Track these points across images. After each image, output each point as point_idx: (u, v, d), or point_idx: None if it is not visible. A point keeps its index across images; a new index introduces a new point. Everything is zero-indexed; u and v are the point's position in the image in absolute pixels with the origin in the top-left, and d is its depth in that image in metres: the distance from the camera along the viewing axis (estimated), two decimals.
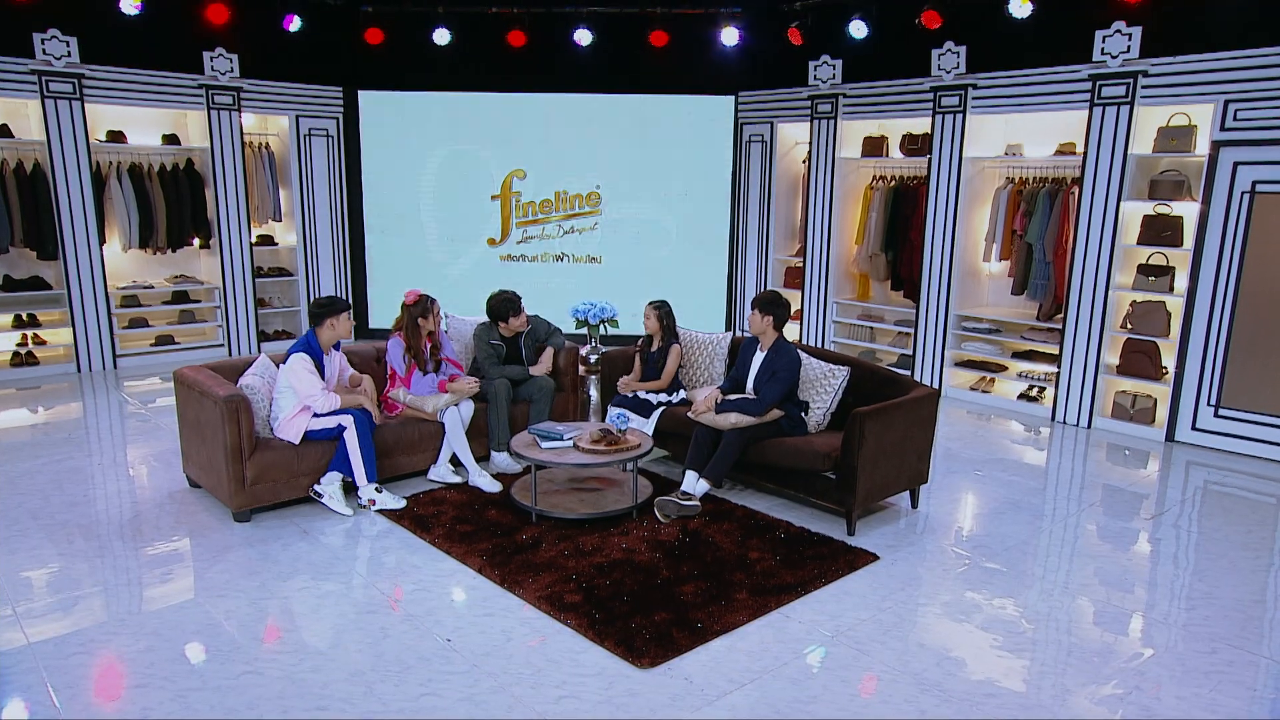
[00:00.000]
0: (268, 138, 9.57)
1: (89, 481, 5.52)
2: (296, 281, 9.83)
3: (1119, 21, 6.50)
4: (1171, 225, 6.60)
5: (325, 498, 4.98)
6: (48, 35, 7.79)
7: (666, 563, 4.37)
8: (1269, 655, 3.67)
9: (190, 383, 5.03)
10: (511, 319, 5.82)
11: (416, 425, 5.46)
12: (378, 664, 3.49)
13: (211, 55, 8.71)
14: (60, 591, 4.04)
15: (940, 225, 7.85)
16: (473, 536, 4.65)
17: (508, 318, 5.81)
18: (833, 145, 8.59)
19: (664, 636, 3.67)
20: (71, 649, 3.56)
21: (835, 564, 4.41)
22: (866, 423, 4.65)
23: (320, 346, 5.05)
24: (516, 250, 9.98)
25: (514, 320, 5.83)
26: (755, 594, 4.07)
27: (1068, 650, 3.70)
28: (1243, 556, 4.66)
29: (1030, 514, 5.24)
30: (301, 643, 3.65)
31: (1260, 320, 6.24)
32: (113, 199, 8.53)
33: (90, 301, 8.41)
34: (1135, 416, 6.90)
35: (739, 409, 5.09)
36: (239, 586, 4.12)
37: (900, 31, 7.75)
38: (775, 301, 5.20)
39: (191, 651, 3.56)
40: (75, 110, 8.05)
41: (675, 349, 5.87)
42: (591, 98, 9.64)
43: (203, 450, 5.01)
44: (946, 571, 4.43)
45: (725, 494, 5.35)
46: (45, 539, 4.62)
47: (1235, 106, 6.13)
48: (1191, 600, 4.20)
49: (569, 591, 4.05)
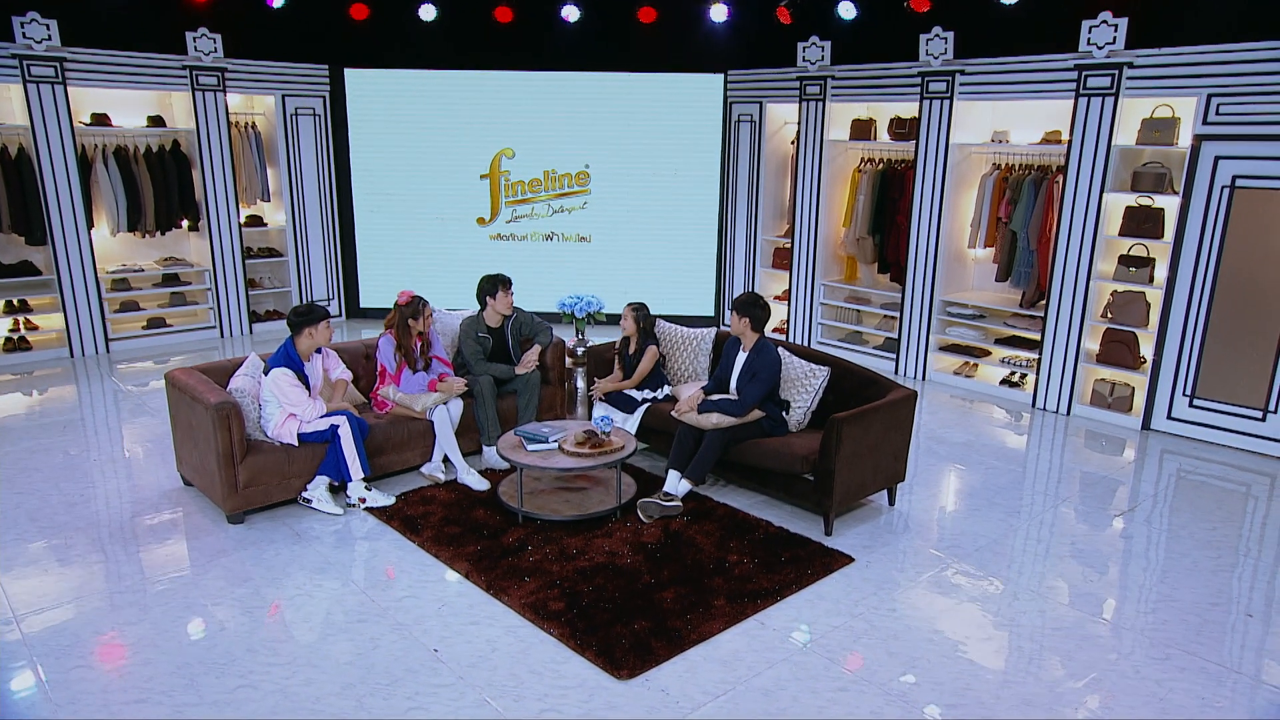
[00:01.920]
0: (254, 117, 9.52)
1: (85, 479, 5.63)
2: (286, 262, 9.86)
3: (1105, 12, 6.47)
4: (1153, 217, 6.66)
5: (314, 502, 5.11)
6: (27, 19, 7.71)
7: (648, 566, 4.52)
8: (1218, 661, 3.84)
9: (182, 386, 5.12)
10: (500, 295, 5.87)
11: (406, 423, 5.57)
12: (368, 676, 3.64)
13: (195, 35, 8.62)
14: (61, 604, 4.17)
15: (926, 210, 7.89)
16: (460, 539, 4.79)
17: (496, 292, 5.86)
18: (821, 127, 8.58)
19: (643, 646, 3.82)
20: (73, 663, 3.70)
21: (811, 567, 4.56)
22: (844, 428, 4.76)
23: (299, 356, 5.12)
24: (506, 229, 10.00)
25: (502, 296, 5.87)
26: (732, 600, 4.22)
27: (1029, 658, 3.86)
28: (1205, 556, 4.82)
29: (1004, 511, 5.39)
30: (294, 655, 3.79)
31: (1236, 314, 6.34)
32: (99, 182, 8.51)
33: (80, 286, 8.44)
34: (1113, 404, 7.03)
35: (721, 409, 5.20)
36: (233, 595, 4.26)
37: (889, 14, 7.71)
38: (753, 303, 5.28)
39: (188, 665, 3.70)
40: (58, 94, 8.00)
41: (651, 350, 5.96)
42: (580, 76, 9.59)
43: (195, 453, 5.11)
44: (918, 574, 4.58)
45: (708, 490, 5.48)
46: (45, 546, 4.74)
47: (1218, 101, 6.15)
48: (1152, 603, 4.36)
49: (552, 598, 4.20)
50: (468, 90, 9.69)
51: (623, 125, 9.68)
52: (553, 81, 9.63)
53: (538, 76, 9.62)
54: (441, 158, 9.84)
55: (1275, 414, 6.27)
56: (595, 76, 9.59)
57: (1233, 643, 4.01)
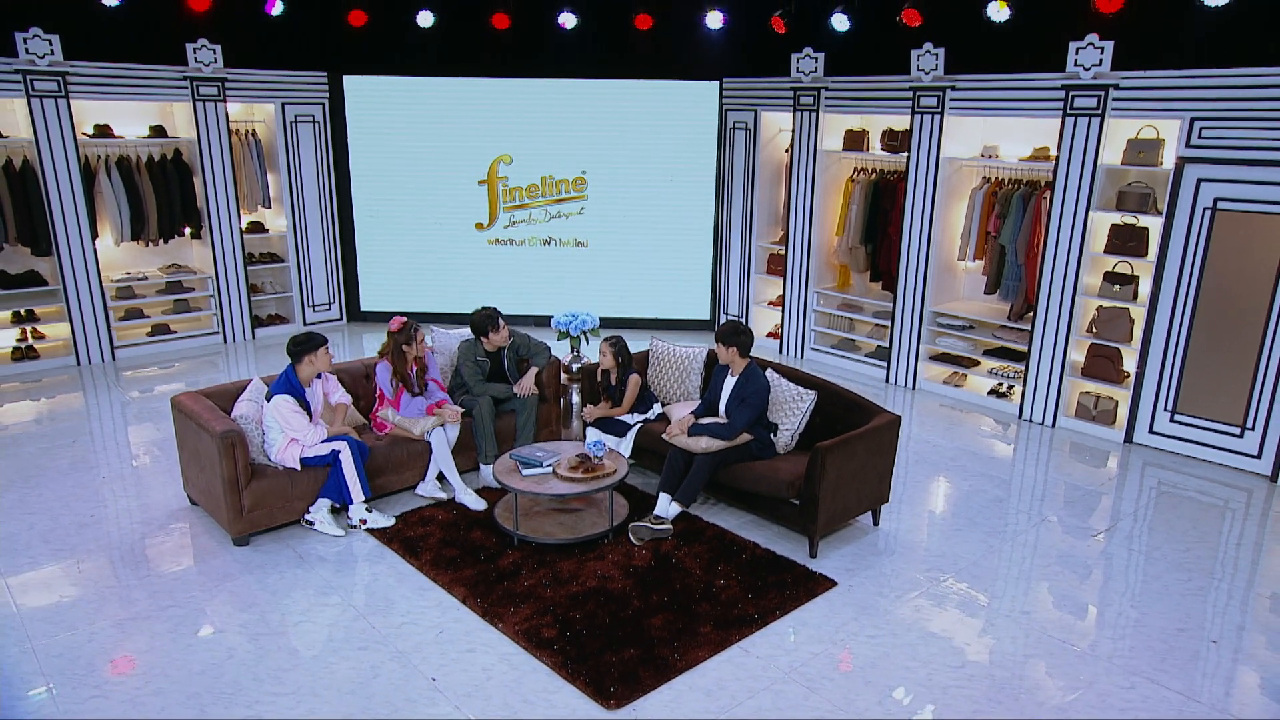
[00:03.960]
0: (254, 124, 9.62)
1: (95, 498, 5.81)
2: (288, 267, 9.99)
3: (1092, 35, 6.56)
4: (1137, 236, 6.78)
5: (316, 524, 5.29)
6: (30, 34, 7.80)
7: (638, 591, 4.70)
8: (1180, 689, 4.03)
9: (188, 413, 5.28)
10: (492, 334, 6.05)
11: (405, 445, 5.74)
12: (369, 706, 3.83)
13: (195, 47, 8.71)
14: (74, 628, 4.36)
15: (918, 221, 8.01)
16: (458, 562, 4.97)
17: (488, 332, 6.04)
18: (815, 137, 8.68)
19: (631, 675, 4.01)
20: (89, 691, 3.89)
21: (795, 592, 4.74)
22: (828, 456, 4.93)
23: (300, 383, 5.28)
24: (504, 234, 10.12)
25: (495, 335, 6.06)
26: (719, 626, 4.40)
27: (1000, 686, 4.05)
28: (1176, 580, 5.00)
29: (986, 531, 5.57)
30: (299, 684, 3.98)
31: (1216, 333, 6.48)
32: (103, 193, 8.64)
33: (85, 295, 8.59)
34: (1097, 417, 7.19)
35: (710, 433, 5.36)
36: (239, 621, 4.45)
37: (881, 27, 7.79)
38: (736, 331, 5.43)
39: (198, 695, 3.89)
40: (61, 107, 8.11)
41: (634, 379, 6.11)
42: (577, 82, 9.68)
43: (201, 476, 5.29)
44: (898, 598, 4.76)
45: (699, 510, 5.66)
46: (58, 569, 4.92)
47: (1201, 124, 6.26)
48: (1120, 629, 4.54)
49: (545, 625, 4.38)
50: (465, 96, 9.78)
51: (619, 131, 9.77)
52: (550, 88, 9.72)
53: (535, 83, 9.71)
54: (440, 163, 9.95)
55: (1252, 430, 6.42)
56: (592, 83, 9.67)
57: (1196, 670, 4.19)
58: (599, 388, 6.35)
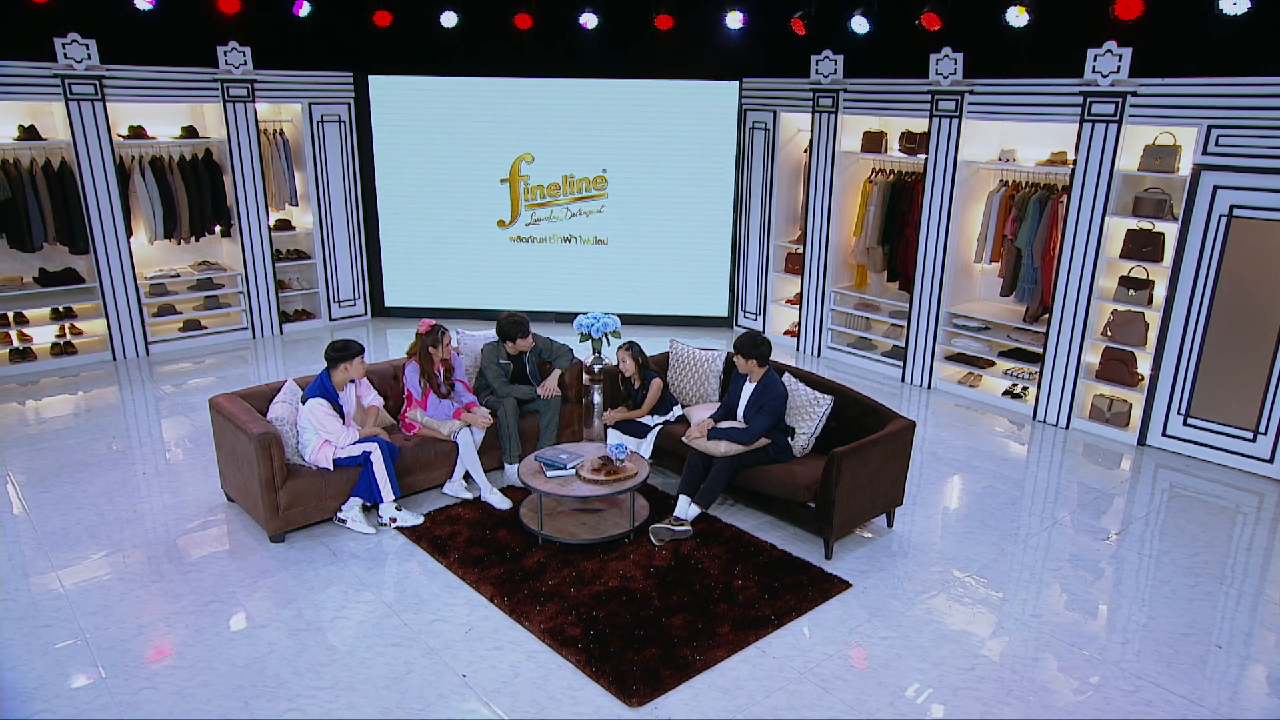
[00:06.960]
0: (282, 124, 9.81)
1: (136, 494, 6.05)
2: (314, 264, 10.20)
3: (1110, 41, 6.61)
4: (1153, 241, 6.85)
5: (349, 522, 5.50)
6: (68, 40, 8.01)
7: (659, 591, 4.87)
8: (1184, 694, 4.16)
9: (226, 414, 5.49)
10: (519, 340, 6.24)
11: (433, 445, 5.93)
12: (403, 701, 4.03)
13: (225, 49, 8.90)
14: (124, 621, 4.59)
15: (935, 223, 8.10)
16: (485, 561, 5.17)
17: (515, 339, 6.23)
18: (833, 138, 8.77)
19: (652, 674, 4.19)
20: (140, 684, 4.11)
21: (811, 593, 4.90)
22: (844, 461, 5.07)
23: (334, 387, 5.48)
24: (526, 232, 10.28)
25: (521, 341, 6.25)
26: (736, 627, 4.57)
27: (1008, 690, 4.19)
28: (1184, 584, 5.12)
29: (999, 533, 5.70)
30: (337, 679, 4.18)
31: (1230, 338, 6.55)
32: (137, 192, 8.86)
33: (121, 292, 8.84)
34: (1111, 420, 7.28)
35: (730, 437, 5.52)
36: (278, 617, 4.66)
37: (901, 30, 7.85)
38: (754, 343, 5.57)
39: (242, 688, 4.10)
40: (98, 110, 8.33)
41: (655, 382, 6.27)
42: (598, 82, 9.79)
43: (239, 476, 5.51)
44: (911, 600, 4.91)
45: (717, 510, 5.82)
46: (105, 564, 5.16)
47: (1217, 132, 6.31)
48: (1127, 633, 4.67)
49: (570, 624, 4.57)
50: (488, 96, 9.92)
51: (640, 131, 9.89)
52: (571, 88, 9.84)
53: (556, 83, 9.83)
54: (462, 162, 10.11)
55: (1265, 435, 6.50)
56: (613, 83, 9.79)
57: (1200, 676, 4.32)
58: (620, 393, 6.51)
